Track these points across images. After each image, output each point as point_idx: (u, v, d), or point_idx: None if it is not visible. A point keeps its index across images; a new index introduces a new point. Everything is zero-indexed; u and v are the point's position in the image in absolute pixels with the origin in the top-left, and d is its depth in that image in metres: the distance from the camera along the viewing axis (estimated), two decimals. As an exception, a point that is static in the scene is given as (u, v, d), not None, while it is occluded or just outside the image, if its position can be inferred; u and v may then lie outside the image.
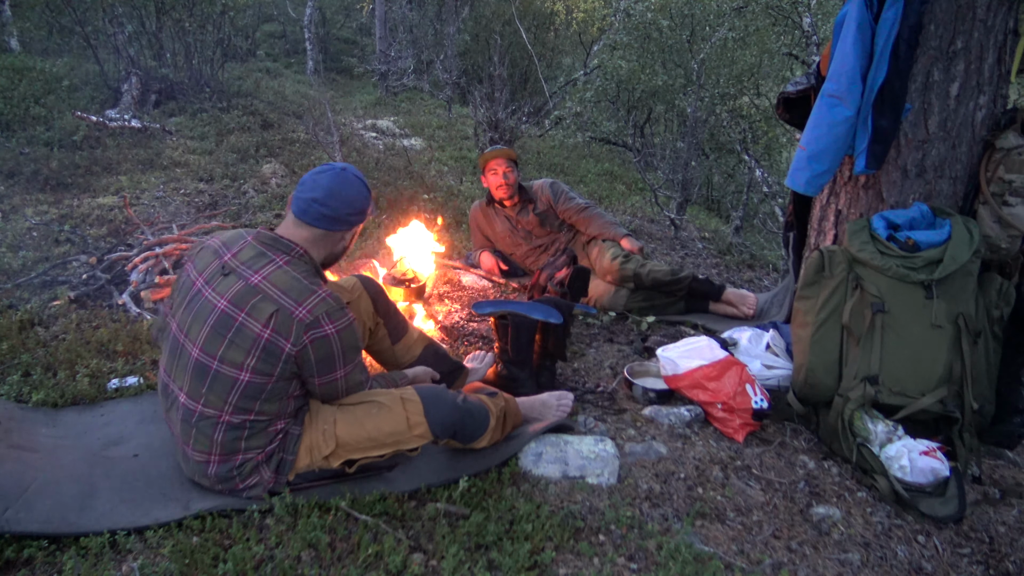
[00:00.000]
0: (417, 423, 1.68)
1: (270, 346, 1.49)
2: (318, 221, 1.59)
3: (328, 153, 5.23)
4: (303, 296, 1.50)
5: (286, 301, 1.49)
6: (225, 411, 1.53)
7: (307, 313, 1.49)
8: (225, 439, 1.56)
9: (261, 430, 1.58)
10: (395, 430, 1.67)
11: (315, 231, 1.60)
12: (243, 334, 1.49)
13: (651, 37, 6.57)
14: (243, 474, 1.60)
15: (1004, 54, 2.20)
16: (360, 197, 1.64)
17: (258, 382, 1.52)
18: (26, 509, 1.51)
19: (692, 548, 1.56)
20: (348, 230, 1.66)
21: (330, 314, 1.52)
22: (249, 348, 1.49)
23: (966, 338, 2.03)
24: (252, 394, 1.53)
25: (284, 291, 1.50)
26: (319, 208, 1.58)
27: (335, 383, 1.63)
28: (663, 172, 6.39)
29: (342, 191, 1.60)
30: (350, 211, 1.62)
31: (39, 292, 2.94)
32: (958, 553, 1.70)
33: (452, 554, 1.47)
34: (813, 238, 2.63)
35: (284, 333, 1.49)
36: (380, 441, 1.67)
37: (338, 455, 1.66)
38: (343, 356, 1.59)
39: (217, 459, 1.58)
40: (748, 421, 2.13)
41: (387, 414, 1.67)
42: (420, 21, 11.13)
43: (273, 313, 1.48)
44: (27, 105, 5.26)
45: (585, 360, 2.72)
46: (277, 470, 1.64)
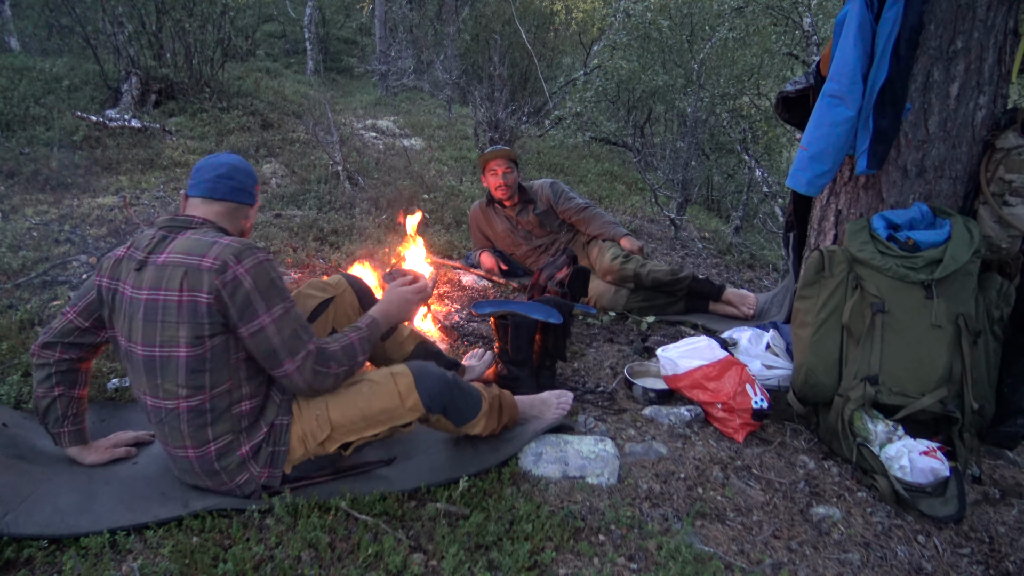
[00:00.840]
0: (409, 396, 1.69)
1: (189, 306, 1.48)
2: (229, 194, 1.67)
3: (328, 153, 5.23)
4: (207, 248, 1.51)
5: (192, 259, 1.50)
6: (181, 396, 1.53)
7: (213, 260, 1.49)
8: (191, 428, 1.55)
9: (224, 411, 1.57)
10: (387, 405, 1.68)
11: (226, 204, 1.67)
12: (167, 309, 1.50)
13: (651, 37, 6.57)
14: (229, 470, 1.60)
15: (1004, 54, 2.20)
16: (250, 169, 1.75)
17: (196, 352, 1.51)
18: (26, 515, 1.51)
19: (692, 548, 1.56)
20: (251, 206, 1.73)
21: (238, 255, 1.51)
22: (176, 320, 1.49)
23: (966, 338, 2.03)
24: (196, 367, 1.52)
25: (188, 252, 1.51)
26: (228, 182, 1.66)
27: (263, 332, 1.53)
28: (663, 172, 6.40)
29: (241, 165, 1.71)
30: (252, 183, 1.73)
31: (39, 292, 2.94)
32: (958, 553, 1.70)
33: (452, 554, 1.47)
34: (813, 238, 2.63)
35: (197, 287, 1.48)
36: (374, 419, 1.67)
37: (333, 439, 1.66)
38: (262, 297, 1.52)
39: (192, 452, 1.58)
40: (748, 421, 2.13)
41: (378, 390, 1.68)
42: (420, 21, 11.14)
43: (183, 275, 1.49)
44: (27, 105, 5.26)
45: (585, 360, 2.72)
46: (270, 464, 1.63)
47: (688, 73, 6.25)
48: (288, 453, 1.64)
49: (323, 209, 4.55)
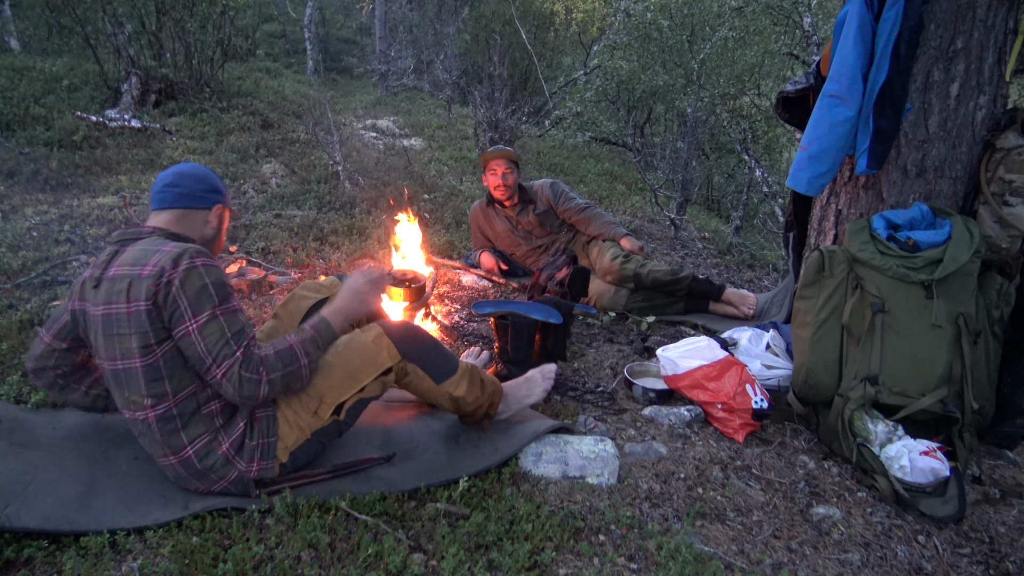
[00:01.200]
0: (381, 342, 1.76)
1: (135, 316, 1.49)
2: (176, 201, 1.67)
3: (328, 153, 5.23)
4: (149, 257, 1.52)
5: (135, 269, 1.51)
6: (147, 406, 1.54)
7: (152, 267, 1.49)
8: (163, 436, 1.56)
9: (192, 414, 1.58)
10: (364, 357, 1.74)
11: (175, 212, 1.68)
12: (119, 322, 1.51)
13: (651, 37, 6.57)
14: (215, 469, 1.60)
15: (1004, 54, 2.20)
16: (209, 175, 1.74)
17: (149, 361, 1.52)
18: (27, 506, 1.51)
19: (692, 548, 1.56)
20: (208, 208, 1.72)
21: (175, 260, 1.50)
22: (128, 331, 1.50)
23: (966, 338, 2.03)
24: (153, 376, 1.52)
25: (133, 263, 1.52)
26: (173, 189, 1.67)
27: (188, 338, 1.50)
28: (663, 172, 6.40)
29: (190, 171, 1.71)
30: (202, 187, 1.71)
31: (39, 292, 2.94)
32: (958, 553, 1.70)
33: (452, 554, 1.46)
34: (813, 238, 2.63)
35: (138, 295, 1.49)
36: (356, 373, 1.73)
37: (325, 404, 1.70)
38: (190, 302, 1.49)
39: (173, 458, 1.59)
40: (748, 421, 2.13)
41: (352, 346, 1.75)
42: (420, 21, 11.14)
43: (128, 286, 1.50)
44: (27, 105, 5.26)
45: (585, 360, 2.72)
46: (260, 456, 1.63)
47: (688, 73, 6.25)
48: (279, 441, 1.65)
49: (323, 209, 4.55)
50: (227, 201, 1.79)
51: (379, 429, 2.01)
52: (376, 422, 2.05)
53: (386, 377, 1.79)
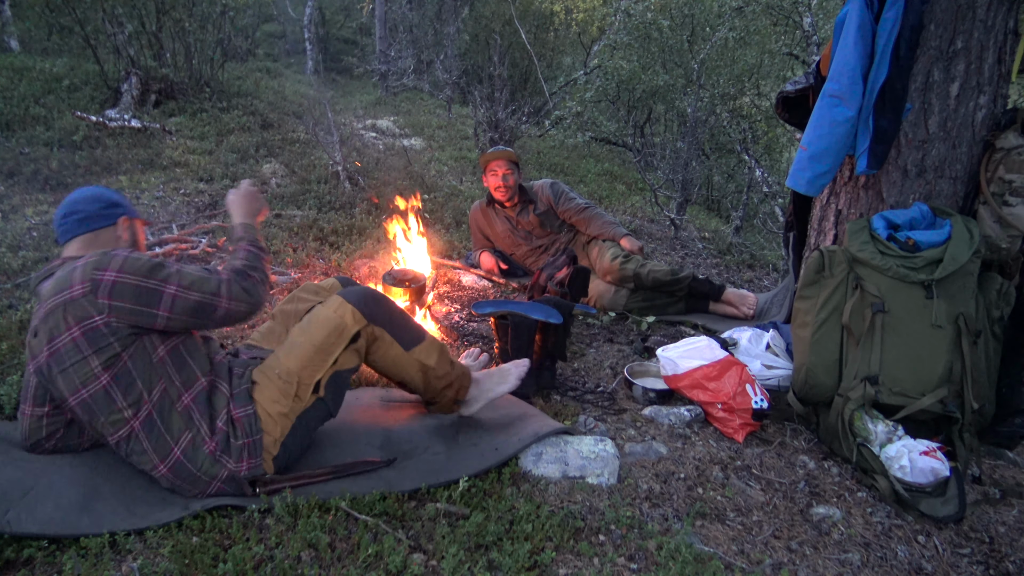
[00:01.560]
0: (342, 309, 1.76)
1: (87, 336, 1.48)
2: (79, 227, 1.66)
3: (328, 153, 5.23)
4: (70, 278, 1.50)
5: (62, 296, 1.49)
6: (129, 417, 1.54)
7: (81, 285, 1.48)
8: (151, 442, 1.56)
9: (169, 411, 1.58)
10: (330, 327, 1.74)
11: (82, 238, 1.66)
12: (69, 353, 1.49)
13: (651, 37, 6.57)
14: (205, 469, 1.60)
15: (1004, 54, 2.20)
16: (103, 193, 1.72)
17: (117, 369, 1.51)
18: (27, 511, 1.50)
19: (692, 548, 1.56)
20: (110, 224, 1.70)
21: (99, 265, 1.50)
22: (83, 356, 1.49)
23: (966, 338, 2.03)
24: (126, 381, 1.53)
25: (56, 293, 1.50)
26: (72, 217, 1.66)
27: (179, 299, 1.55)
28: (663, 172, 6.40)
29: (83, 196, 1.70)
30: (100, 206, 1.69)
31: (39, 292, 2.93)
32: (958, 553, 1.70)
33: (452, 554, 1.46)
34: (813, 238, 2.63)
35: (84, 315, 1.47)
36: (325, 346, 1.73)
37: (303, 384, 1.70)
38: (151, 278, 1.53)
39: (163, 465, 1.58)
40: (748, 421, 2.13)
41: (315, 320, 1.76)
42: (420, 21, 11.14)
43: (63, 315, 1.48)
44: (27, 105, 5.26)
45: (585, 360, 2.72)
46: (248, 455, 1.62)
47: (688, 73, 6.25)
48: (265, 436, 1.65)
49: (323, 209, 4.55)
50: (131, 211, 1.76)
51: (379, 429, 2.01)
52: (376, 422, 2.05)
53: (356, 345, 1.78)
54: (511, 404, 2.18)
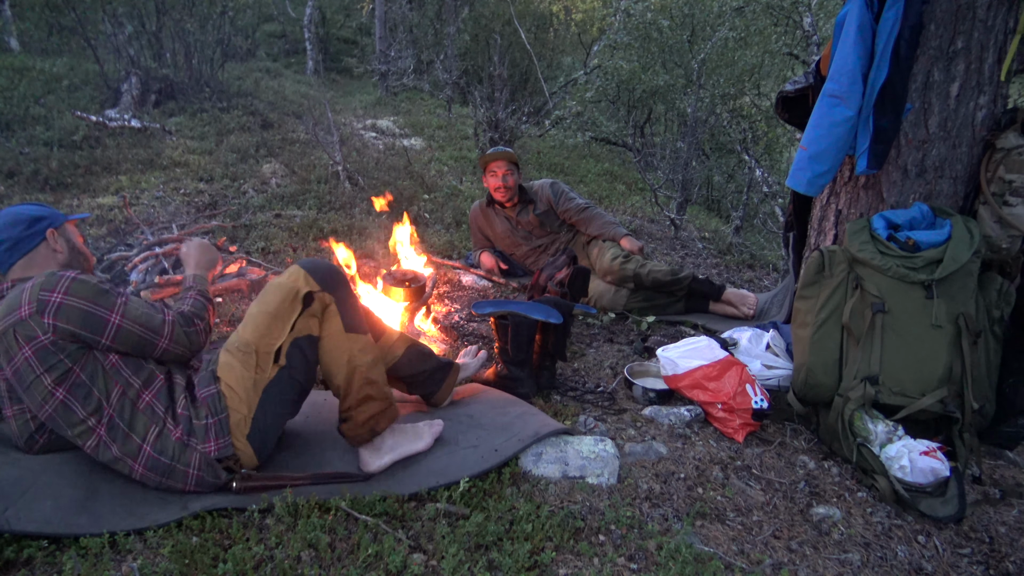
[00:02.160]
0: (295, 275, 1.73)
1: (37, 355, 1.50)
2: (10, 256, 1.67)
3: (328, 153, 5.23)
4: (17, 300, 1.51)
5: (11, 318, 1.50)
6: (92, 425, 1.56)
7: (28, 306, 1.49)
8: (119, 445, 1.57)
9: (131, 412, 1.59)
10: (281, 294, 1.71)
11: (16, 266, 1.67)
12: (24, 374, 1.51)
13: (651, 37, 6.56)
14: (178, 457, 1.60)
15: (1004, 54, 2.20)
16: (21, 213, 1.70)
17: (71, 382, 1.53)
18: (26, 509, 1.50)
19: (692, 548, 1.56)
20: (39, 243, 1.69)
21: (46, 286, 1.51)
22: (36, 375, 1.50)
23: (966, 338, 2.03)
24: (82, 392, 1.54)
25: (6, 314, 1.51)
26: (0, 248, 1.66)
27: (123, 330, 1.57)
28: (663, 172, 6.40)
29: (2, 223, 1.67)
30: (21, 228, 1.68)
31: (39, 292, 2.93)
32: (958, 553, 1.70)
33: (452, 554, 1.46)
34: (813, 238, 2.63)
35: (32, 335, 1.49)
36: (279, 312, 1.70)
37: (262, 354, 1.68)
38: (98, 304, 1.54)
39: (138, 465, 1.59)
40: (748, 421, 2.13)
41: (269, 289, 1.73)
42: (420, 21, 11.13)
43: (13, 335, 1.49)
44: (27, 105, 5.27)
45: (585, 360, 2.72)
46: (216, 435, 1.62)
47: (688, 73, 6.25)
48: (232, 414, 1.64)
49: (323, 209, 4.55)
50: (56, 220, 1.74)
51: (379, 429, 2.00)
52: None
53: (312, 309, 1.74)
54: (511, 403, 2.18)
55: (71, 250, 1.75)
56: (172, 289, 2.94)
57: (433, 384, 2.17)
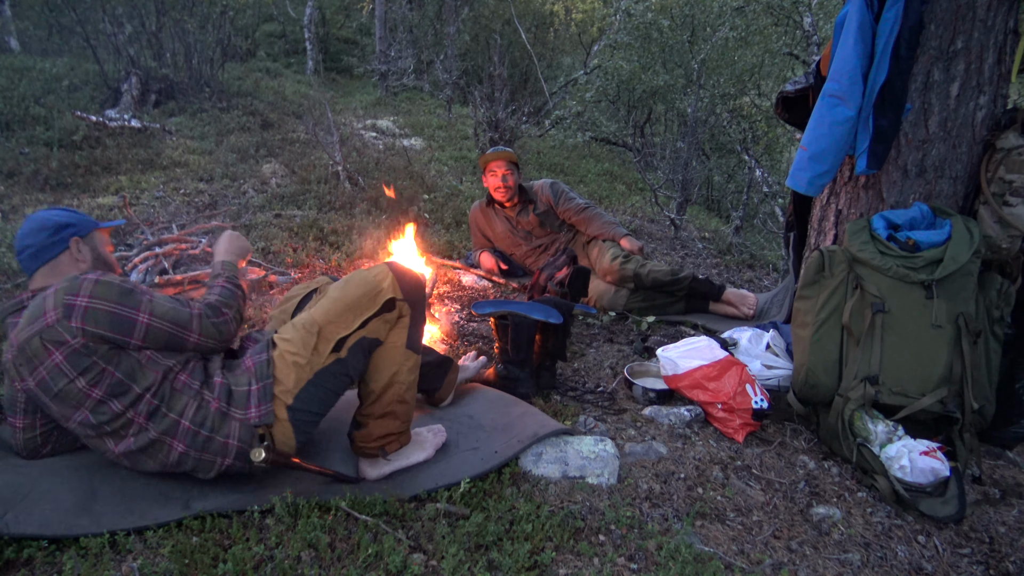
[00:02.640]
0: (383, 273, 1.72)
1: (69, 359, 1.47)
2: (33, 262, 1.66)
3: (328, 153, 5.23)
4: (42, 306, 1.49)
5: (36, 326, 1.48)
6: (132, 416, 1.54)
7: (53, 312, 1.47)
8: (158, 429, 1.55)
9: (168, 394, 1.57)
10: (365, 289, 1.69)
11: (40, 272, 1.66)
12: (56, 379, 1.49)
13: (651, 37, 6.57)
14: (217, 428, 1.58)
15: (1004, 54, 2.20)
16: (47, 220, 1.68)
17: (107, 382, 1.51)
18: (26, 512, 1.50)
19: (692, 548, 1.56)
20: (62, 251, 1.67)
21: (70, 291, 1.49)
22: (70, 379, 1.48)
23: (966, 338, 2.03)
24: (120, 390, 1.52)
25: (29, 323, 1.49)
26: (25, 253, 1.66)
27: (152, 328, 1.55)
28: (663, 172, 6.39)
29: (28, 228, 1.67)
30: (46, 235, 1.66)
31: (39, 292, 2.93)
32: (958, 553, 1.70)
33: (452, 554, 1.46)
34: (813, 238, 2.63)
35: (60, 340, 1.46)
36: (356, 305, 1.67)
37: (324, 338, 1.65)
38: (123, 304, 1.52)
39: (178, 444, 1.57)
40: (748, 421, 2.13)
41: (355, 279, 1.72)
42: (420, 21, 11.13)
43: (40, 342, 1.47)
44: (27, 105, 5.26)
45: (585, 360, 2.72)
46: (259, 401, 1.60)
47: (688, 73, 6.25)
48: (278, 383, 1.62)
49: (323, 209, 4.55)
50: (83, 228, 1.72)
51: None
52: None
53: (389, 315, 1.72)
54: (511, 404, 2.18)
55: (95, 259, 1.72)
56: (172, 290, 2.94)
57: (435, 380, 2.18)
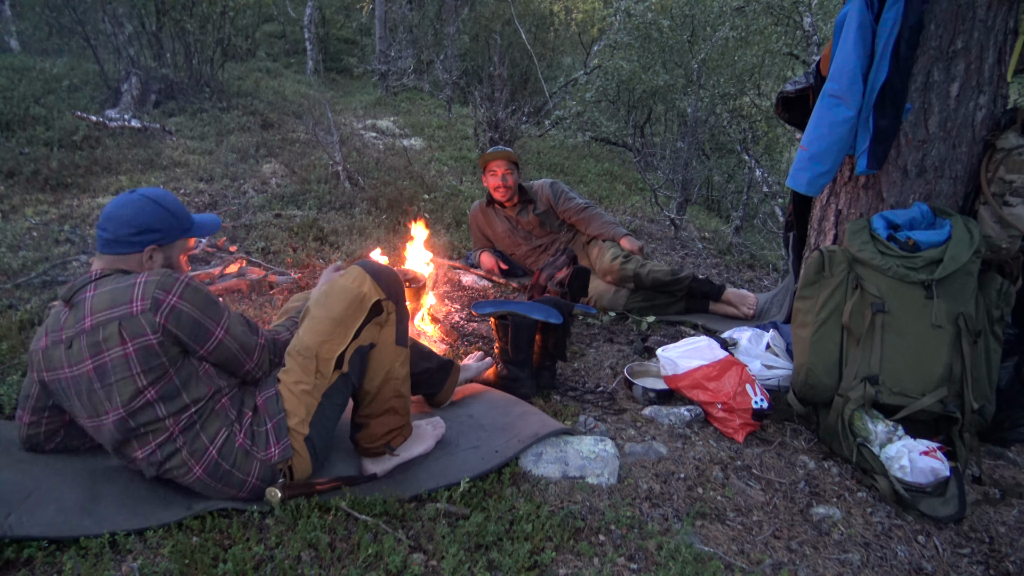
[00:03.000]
0: (360, 277, 1.69)
1: (140, 353, 1.46)
2: (105, 247, 1.59)
3: (328, 153, 5.23)
4: (128, 294, 1.48)
5: (120, 310, 1.46)
6: (170, 425, 1.53)
7: (142, 302, 1.46)
8: (188, 444, 1.55)
9: (209, 412, 1.57)
10: (348, 300, 1.66)
11: (107, 258, 1.59)
12: (117, 368, 1.47)
13: (651, 37, 6.57)
14: (239, 465, 1.58)
15: (1004, 54, 2.20)
16: (142, 215, 1.59)
17: (164, 384, 1.50)
18: (28, 514, 1.50)
19: (692, 548, 1.56)
20: (139, 251, 1.60)
21: (163, 287, 1.49)
22: (132, 372, 1.47)
23: (966, 338, 2.03)
24: (171, 394, 1.51)
25: (112, 305, 1.47)
26: (101, 234, 1.59)
27: (222, 345, 1.57)
28: (663, 172, 6.39)
29: (119, 213, 1.58)
30: (129, 231, 1.58)
31: (39, 292, 2.93)
32: (958, 553, 1.70)
33: (452, 554, 1.46)
34: (813, 238, 2.63)
35: (140, 332, 1.46)
36: (343, 319, 1.65)
37: (323, 359, 1.64)
38: (207, 315, 1.54)
39: (198, 467, 1.57)
40: (748, 421, 2.13)
41: (333, 292, 1.68)
42: (420, 21, 11.14)
43: (119, 328, 1.45)
44: (27, 105, 5.26)
45: (585, 360, 2.72)
46: (276, 439, 1.61)
47: (688, 73, 6.25)
48: (289, 416, 1.62)
49: (323, 209, 4.55)
50: (170, 236, 1.65)
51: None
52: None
53: (380, 318, 1.72)
54: (511, 403, 2.18)
55: (164, 267, 1.66)
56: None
57: (434, 384, 2.17)
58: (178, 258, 1.71)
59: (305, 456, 1.65)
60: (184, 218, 1.68)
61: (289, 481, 1.65)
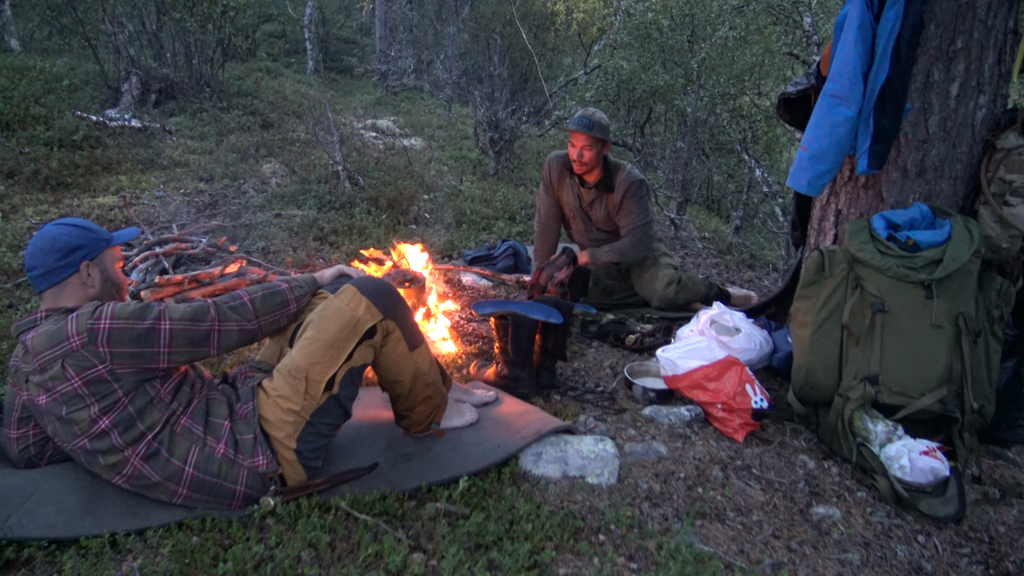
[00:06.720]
0: (355, 300, 1.70)
1: (90, 385, 1.47)
2: (41, 283, 1.59)
3: (328, 153, 5.23)
4: (63, 331, 1.48)
5: (59, 350, 1.47)
6: (128, 456, 1.52)
7: (78, 336, 1.46)
8: (158, 472, 1.54)
9: (169, 437, 1.56)
10: (342, 323, 1.67)
11: (48, 295, 1.60)
12: (71, 401, 1.47)
13: (651, 37, 6.56)
14: (224, 474, 1.58)
15: (1004, 54, 2.20)
16: (61, 238, 1.60)
17: (117, 414, 1.50)
18: (28, 516, 1.50)
19: (692, 548, 1.56)
20: (73, 272, 1.60)
21: (92, 316, 1.49)
22: (85, 404, 1.47)
23: (966, 338, 2.03)
24: (125, 424, 1.51)
25: (51, 346, 1.47)
26: (33, 273, 1.59)
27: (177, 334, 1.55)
28: (663, 172, 6.39)
29: (40, 247, 1.59)
30: (55, 258, 1.58)
31: (39, 292, 2.94)
32: (958, 553, 1.70)
33: (452, 554, 1.46)
34: (813, 238, 2.63)
35: (87, 365, 1.46)
36: (336, 343, 1.65)
37: (313, 381, 1.63)
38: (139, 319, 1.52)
39: (181, 488, 1.57)
40: (748, 421, 2.13)
41: (327, 314, 1.68)
42: (420, 21, 11.14)
43: (62, 367, 1.46)
44: (27, 105, 5.25)
45: (585, 360, 2.72)
46: (263, 450, 1.60)
47: (688, 73, 6.25)
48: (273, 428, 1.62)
49: (323, 209, 4.55)
50: (94, 250, 1.63)
51: (383, 429, 2.01)
52: (379, 423, 2.05)
53: (372, 340, 1.72)
54: (512, 403, 2.19)
55: (104, 281, 1.66)
56: (172, 289, 2.94)
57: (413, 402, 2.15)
58: (113, 268, 1.70)
59: (297, 467, 1.65)
60: (100, 231, 1.69)
61: (282, 487, 1.64)
